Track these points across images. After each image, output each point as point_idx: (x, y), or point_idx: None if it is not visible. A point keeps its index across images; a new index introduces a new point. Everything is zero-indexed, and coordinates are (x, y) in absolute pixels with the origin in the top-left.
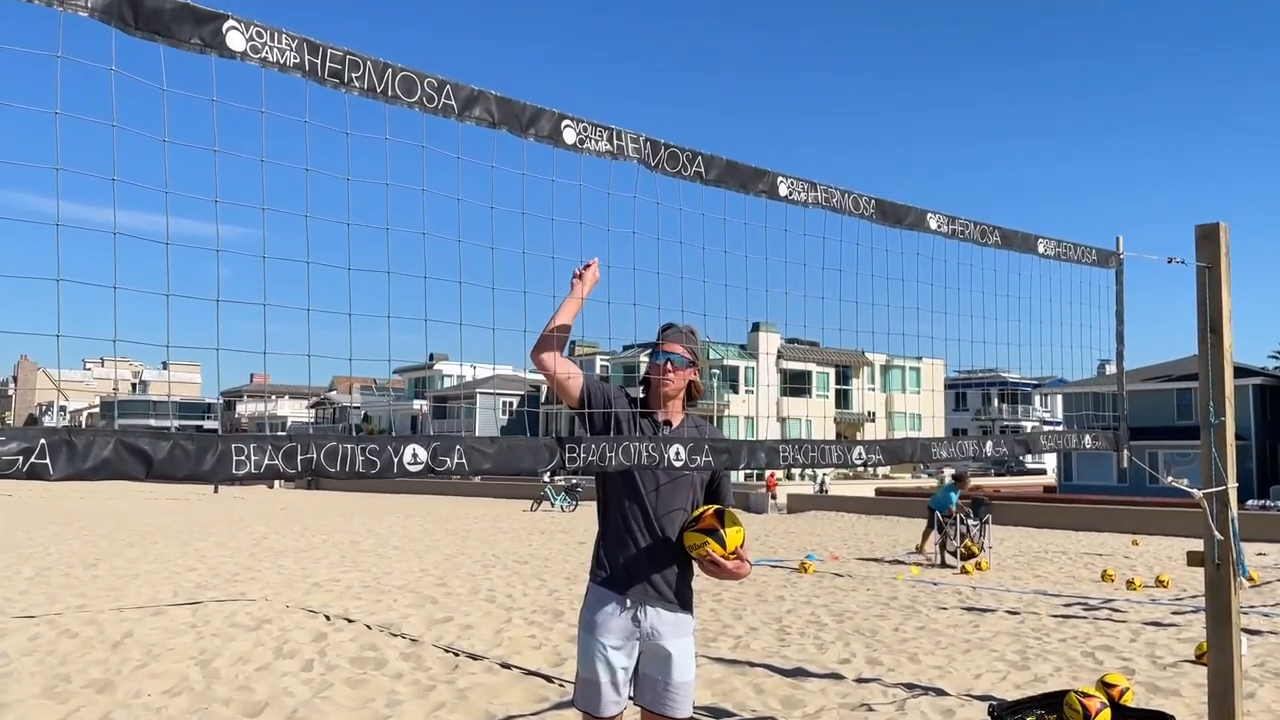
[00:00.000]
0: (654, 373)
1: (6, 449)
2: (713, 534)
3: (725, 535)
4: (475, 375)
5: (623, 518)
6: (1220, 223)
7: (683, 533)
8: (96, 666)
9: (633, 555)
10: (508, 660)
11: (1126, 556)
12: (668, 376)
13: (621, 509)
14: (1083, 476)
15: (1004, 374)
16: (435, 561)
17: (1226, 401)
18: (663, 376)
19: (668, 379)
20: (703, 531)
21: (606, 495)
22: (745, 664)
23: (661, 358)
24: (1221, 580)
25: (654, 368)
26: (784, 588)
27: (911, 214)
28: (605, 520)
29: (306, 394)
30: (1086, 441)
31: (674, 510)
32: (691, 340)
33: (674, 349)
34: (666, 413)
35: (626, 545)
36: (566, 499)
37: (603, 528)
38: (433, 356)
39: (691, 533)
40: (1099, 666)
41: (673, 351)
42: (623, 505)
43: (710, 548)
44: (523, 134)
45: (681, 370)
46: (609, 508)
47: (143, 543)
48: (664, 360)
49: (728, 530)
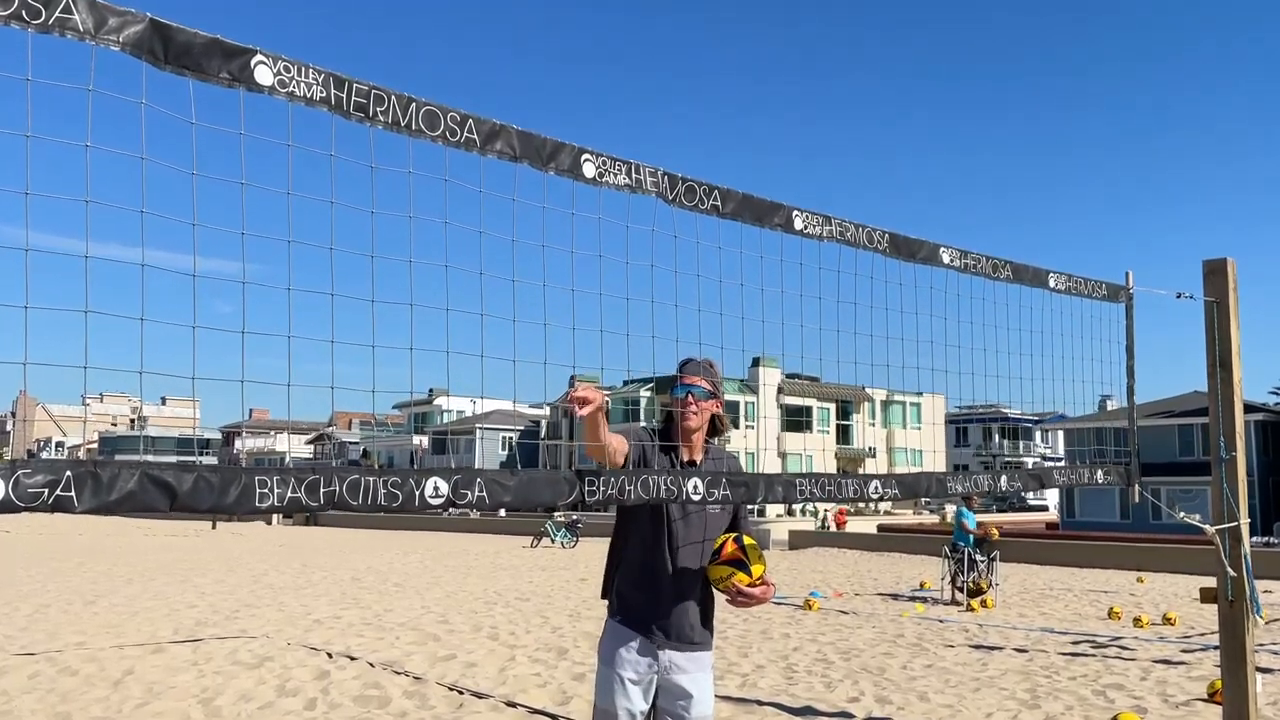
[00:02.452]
0: (677, 407)
1: (33, 481)
2: (739, 565)
3: (750, 563)
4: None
5: (643, 554)
6: (1227, 258)
7: (706, 567)
8: (98, 705)
9: (653, 593)
10: (513, 699)
11: (1132, 594)
12: (690, 410)
13: (643, 545)
14: (1085, 513)
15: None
16: (437, 598)
17: (1237, 436)
18: (685, 410)
19: (690, 413)
20: (727, 563)
21: (626, 530)
22: (754, 702)
23: (682, 391)
24: (1236, 617)
25: (675, 402)
26: (789, 625)
27: (925, 248)
28: (624, 556)
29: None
30: (1099, 476)
31: (691, 544)
32: (711, 373)
33: (695, 381)
34: (690, 450)
35: (647, 583)
36: (567, 535)
37: (621, 564)
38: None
39: (716, 566)
40: (1111, 705)
41: (694, 384)
42: (644, 542)
43: (737, 579)
44: (544, 168)
45: (704, 403)
46: (629, 543)
47: (142, 579)
48: (685, 394)
49: (750, 557)
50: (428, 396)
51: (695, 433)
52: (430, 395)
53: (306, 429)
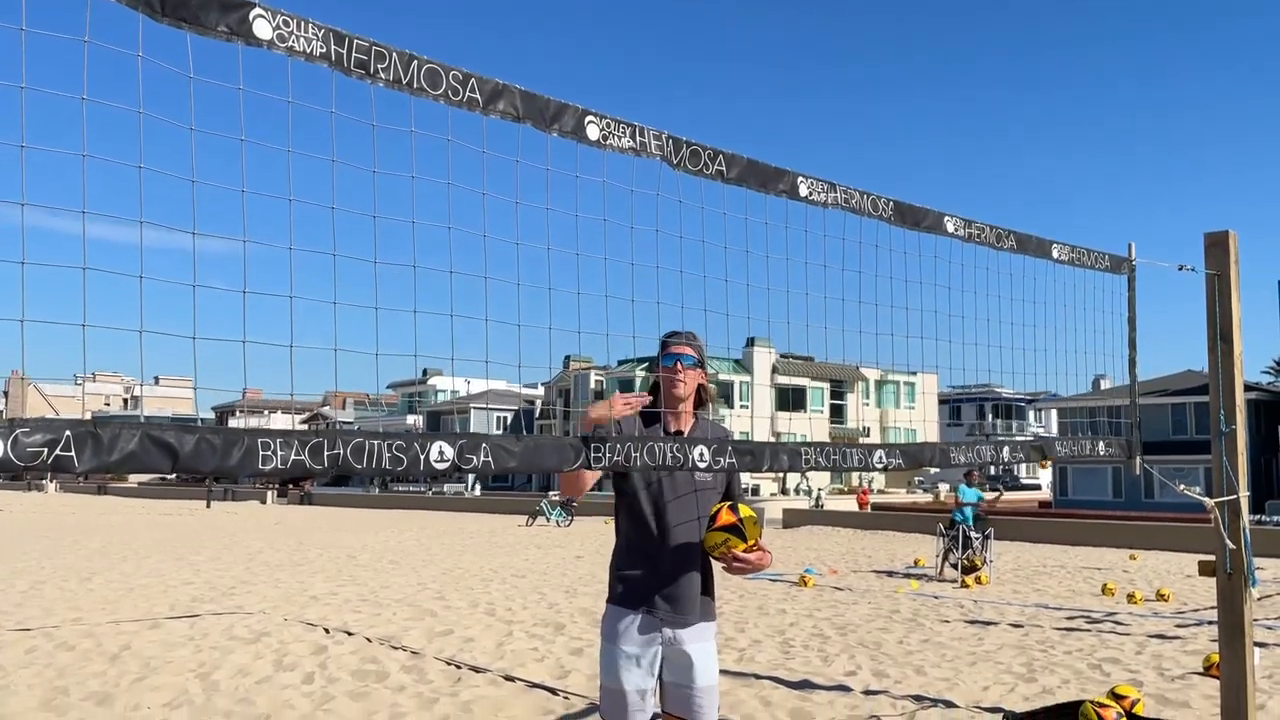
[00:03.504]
0: (665, 378)
1: (32, 440)
2: (734, 530)
3: (745, 529)
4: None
5: (638, 530)
6: (1229, 230)
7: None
8: (95, 679)
9: (652, 570)
10: (511, 673)
11: (1125, 570)
12: (679, 378)
13: (637, 521)
14: (1078, 491)
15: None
16: (433, 575)
17: (1237, 410)
18: (674, 378)
19: (679, 380)
20: (723, 529)
21: (624, 508)
22: (751, 676)
23: (671, 360)
24: (1234, 590)
25: (664, 373)
26: (785, 601)
27: (929, 216)
28: (623, 533)
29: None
30: (1100, 448)
31: (689, 521)
32: (695, 343)
33: (683, 350)
34: (676, 421)
35: (645, 560)
36: (562, 514)
37: (620, 541)
38: (426, 372)
39: (711, 533)
40: (1107, 678)
41: (681, 353)
42: (638, 518)
43: (732, 544)
44: (547, 129)
45: (691, 371)
46: (625, 521)
47: (137, 557)
48: (674, 362)
49: (746, 523)
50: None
51: (683, 401)
52: (425, 376)
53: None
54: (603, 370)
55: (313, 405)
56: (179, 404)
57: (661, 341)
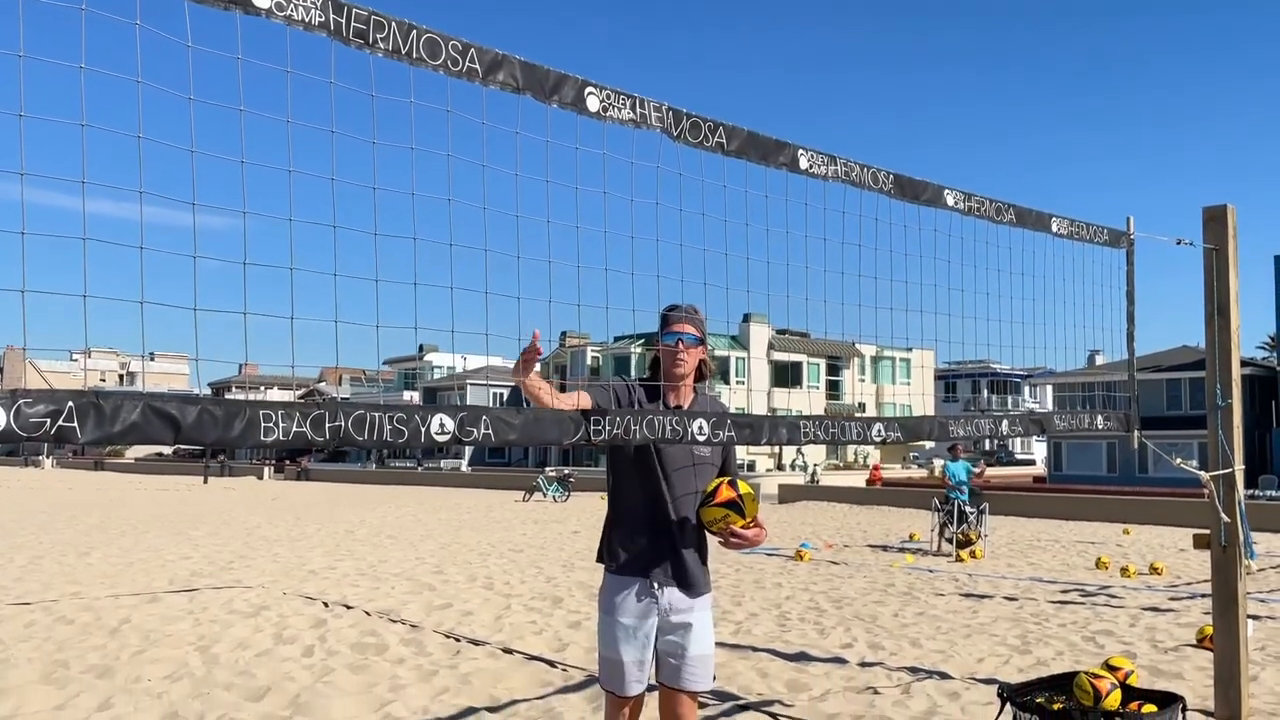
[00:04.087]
0: (665, 355)
1: (35, 411)
2: (732, 506)
3: (744, 504)
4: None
5: (636, 504)
6: (1227, 205)
7: (699, 510)
8: (95, 652)
9: (648, 541)
10: (509, 646)
11: (1119, 545)
12: (680, 357)
13: (635, 495)
14: (1072, 466)
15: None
16: (431, 550)
17: (1234, 383)
18: (675, 357)
19: (681, 359)
20: (722, 505)
21: (619, 481)
22: (748, 648)
23: (672, 338)
24: (1228, 562)
25: (664, 350)
26: (781, 575)
27: (929, 190)
28: (617, 507)
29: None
30: (1099, 422)
31: (687, 494)
32: (696, 319)
33: (684, 328)
34: (677, 396)
35: (641, 531)
36: (559, 489)
37: (614, 514)
38: (422, 348)
39: (710, 508)
40: (1100, 650)
41: (683, 331)
42: (636, 491)
43: (731, 519)
44: (546, 100)
45: (693, 349)
46: (621, 494)
47: (135, 532)
48: (675, 340)
49: (745, 499)
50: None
51: (684, 379)
52: (422, 351)
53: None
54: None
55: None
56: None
57: (662, 315)
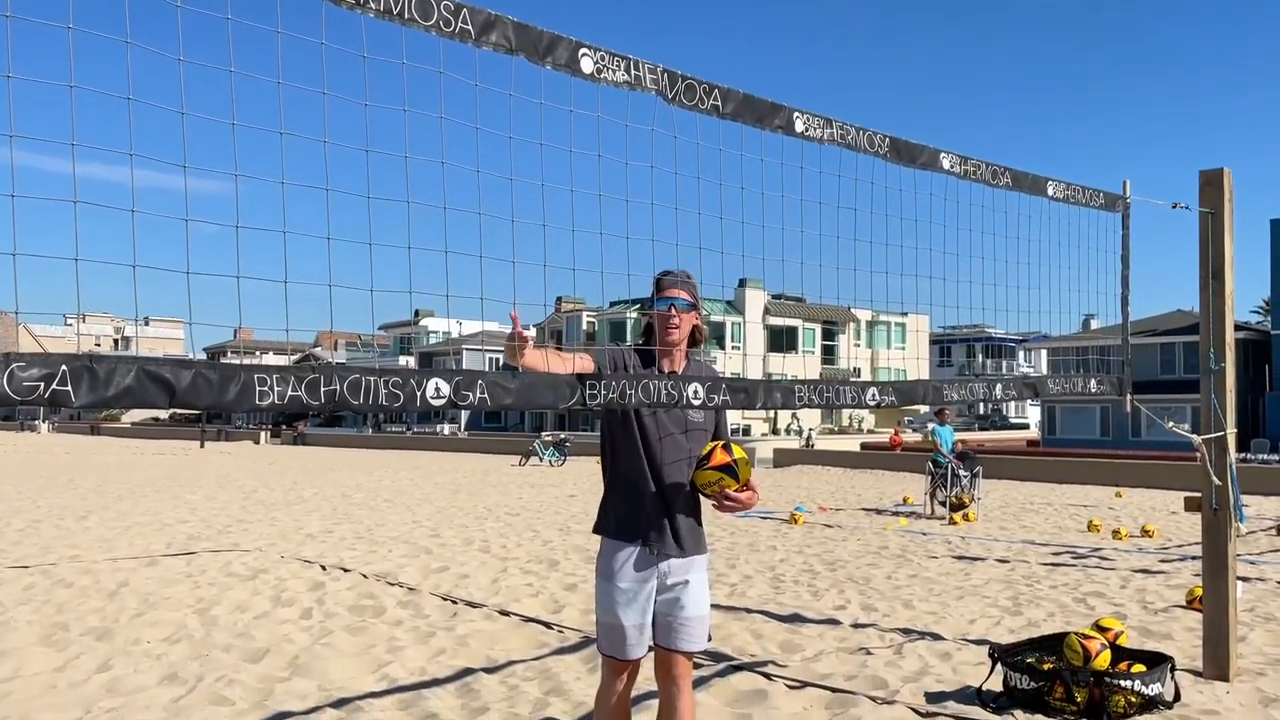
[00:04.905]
0: (658, 320)
1: (28, 375)
2: (727, 470)
3: (738, 470)
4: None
5: (632, 470)
6: (1224, 168)
7: (694, 474)
8: (94, 615)
9: (643, 506)
10: (506, 608)
11: (1111, 508)
12: (674, 322)
13: (630, 461)
14: (1065, 430)
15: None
16: (427, 514)
17: (1227, 347)
18: (668, 323)
19: (674, 324)
20: (716, 469)
21: (615, 447)
22: (742, 610)
23: (665, 304)
24: (1219, 525)
25: (658, 315)
26: (775, 538)
27: (925, 153)
28: (614, 473)
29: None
30: (1092, 385)
31: (681, 459)
32: (689, 284)
33: (677, 294)
34: (671, 362)
35: (637, 497)
36: (555, 454)
37: (610, 481)
38: (418, 313)
39: (704, 471)
40: (1091, 611)
41: (676, 296)
42: (632, 457)
43: (725, 483)
44: (540, 62)
45: (686, 315)
46: (617, 461)
47: (132, 496)
48: (668, 306)
49: (739, 463)
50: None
51: (678, 345)
52: (417, 316)
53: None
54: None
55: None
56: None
57: (655, 281)
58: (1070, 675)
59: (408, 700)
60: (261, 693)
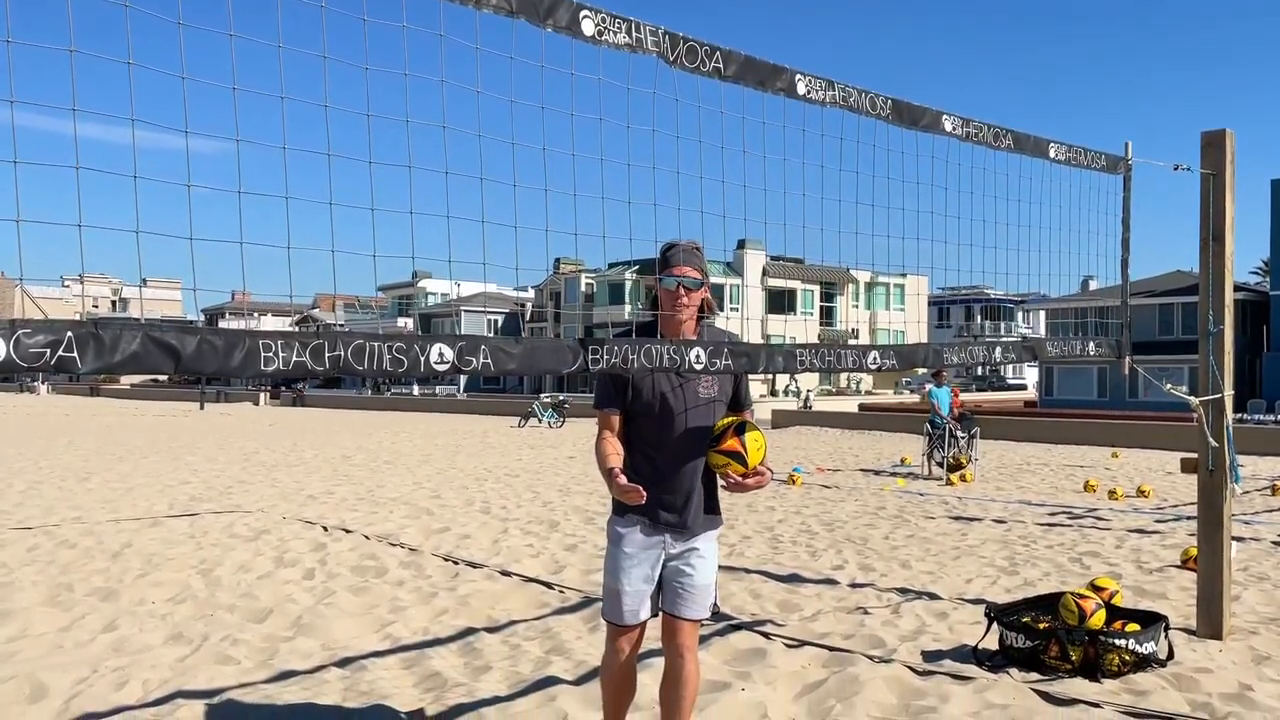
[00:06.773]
0: (666, 300)
1: (34, 341)
2: (735, 457)
3: (747, 455)
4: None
5: (648, 444)
6: (1226, 129)
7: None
8: (98, 576)
9: (659, 480)
10: (507, 568)
11: (1107, 468)
12: (682, 303)
13: (646, 435)
14: (1063, 391)
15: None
16: (428, 475)
17: (1226, 310)
18: (677, 302)
19: (683, 305)
20: (724, 453)
21: (629, 421)
22: (741, 570)
23: (673, 282)
24: (1215, 486)
25: (665, 294)
26: (773, 499)
27: (927, 115)
28: (627, 446)
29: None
30: (1090, 348)
31: (695, 433)
32: (697, 258)
33: (685, 272)
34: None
35: (653, 470)
36: (554, 415)
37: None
38: (416, 274)
39: (714, 453)
40: (1087, 571)
41: (684, 275)
42: (645, 431)
43: (732, 469)
44: (541, 24)
45: (695, 293)
46: (631, 434)
47: (133, 457)
48: (676, 285)
49: (749, 448)
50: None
51: (685, 323)
52: (415, 278)
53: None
54: (593, 273)
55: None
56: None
57: (661, 256)
58: (1065, 634)
59: (411, 659)
60: (266, 652)
